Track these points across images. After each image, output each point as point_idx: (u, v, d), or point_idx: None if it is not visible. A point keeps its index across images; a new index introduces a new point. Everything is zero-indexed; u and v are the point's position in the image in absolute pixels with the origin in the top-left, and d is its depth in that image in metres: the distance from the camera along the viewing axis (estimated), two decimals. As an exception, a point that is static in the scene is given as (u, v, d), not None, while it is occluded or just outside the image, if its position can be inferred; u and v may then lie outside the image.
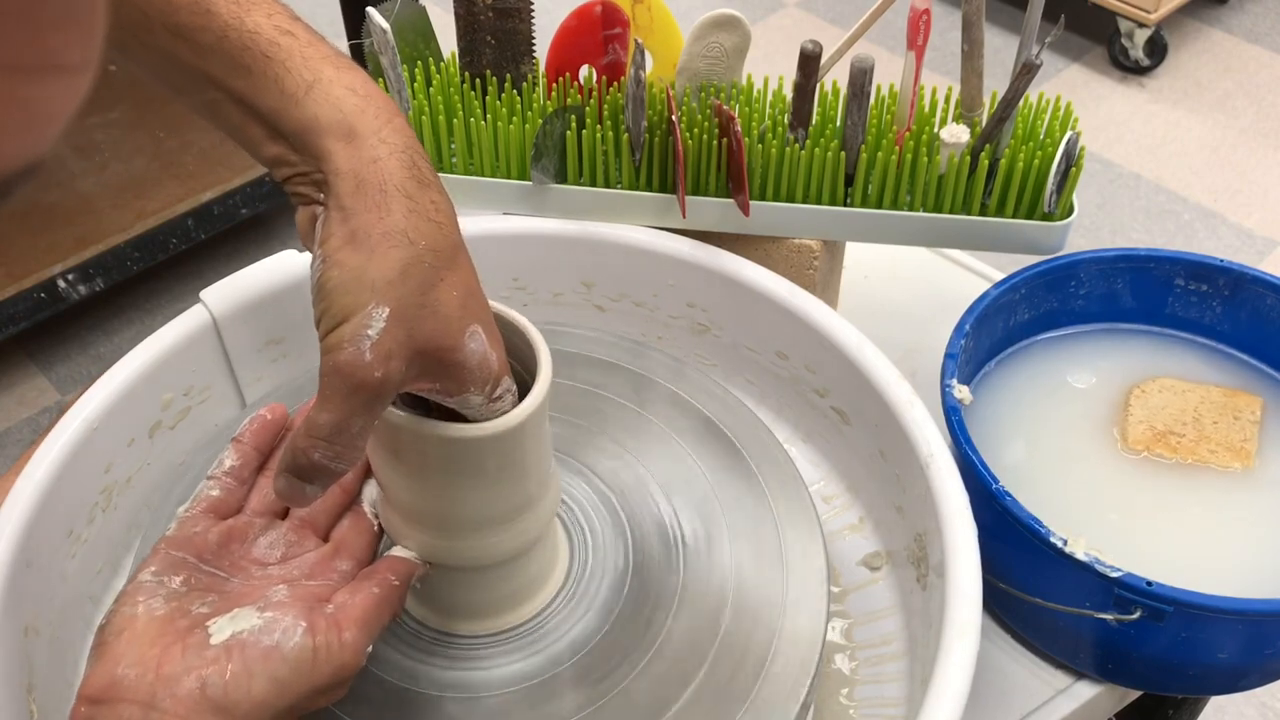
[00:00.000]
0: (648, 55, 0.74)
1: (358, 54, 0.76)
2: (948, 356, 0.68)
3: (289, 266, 0.71)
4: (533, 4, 0.72)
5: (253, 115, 0.50)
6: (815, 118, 0.73)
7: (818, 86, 0.72)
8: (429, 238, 0.47)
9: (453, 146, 0.74)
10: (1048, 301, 0.76)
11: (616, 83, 0.73)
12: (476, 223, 0.74)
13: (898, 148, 0.71)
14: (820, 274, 0.76)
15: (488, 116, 0.73)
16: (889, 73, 0.67)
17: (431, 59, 0.76)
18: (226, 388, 0.72)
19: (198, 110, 0.52)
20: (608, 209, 0.74)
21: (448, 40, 0.73)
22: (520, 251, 0.76)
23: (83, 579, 0.64)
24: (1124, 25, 2.34)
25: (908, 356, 0.80)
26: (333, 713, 0.55)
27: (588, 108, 0.73)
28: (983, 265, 0.90)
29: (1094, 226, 2.09)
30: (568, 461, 0.65)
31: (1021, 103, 0.71)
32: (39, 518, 0.59)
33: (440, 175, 0.54)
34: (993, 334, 0.74)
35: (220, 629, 0.47)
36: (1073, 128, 0.71)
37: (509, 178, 0.74)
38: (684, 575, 0.60)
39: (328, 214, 0.47)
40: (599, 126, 0.72)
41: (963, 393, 0.68)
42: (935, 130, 0.72)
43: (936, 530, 0.59)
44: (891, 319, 0.84)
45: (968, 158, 0.71)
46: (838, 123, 0.73)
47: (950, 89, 0.75)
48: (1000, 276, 0.75)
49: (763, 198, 0.73)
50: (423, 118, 0.73)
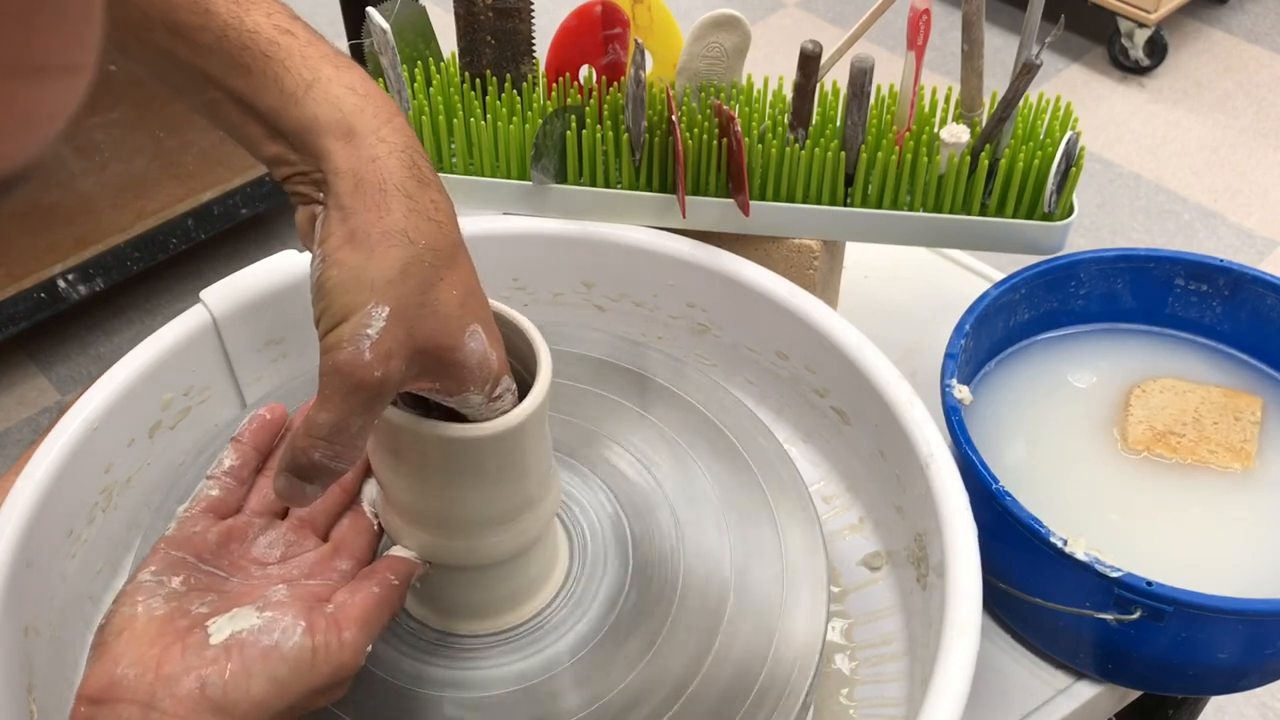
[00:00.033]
0: (648, 55, 0.74)
1: (358, 54, 0.76)
2: (948, 356, 0.68)
3: (289, 266, 0.71)
4: (533, 4, 0.72)
5: (252, 114, 0.50)
6: (815, 118, 0.73)
7: (818, 86, 0.72)
8: (429, 237, 0.47)
9: (453, 146, 0.74)
10: (1048, 301, 0.76)
11: (616, 83, 0.73)
12: (476, 223, 0.74)
13: (898, 148, 0.71)
14: (820, 274, 0.76)
15: (488, 116, 0.73)
16: (889, 73, 0.67)
17: (431, 59, 0.76)
18: (226, 388, 0.72)
19: (197, 109, 0.52)
20: (608, 209, 0.74)
21: (448, 40, 0.73)
22: (520, 251, 0.76)
23: (83, 579, 0.64)
24: (1124, 25, 2.34)
25: (908, 356, 0.80)
26: (333, 713, 0.55)
27: (588, 108, 0.73)
28: (983, 265, 0.90)
29: (1094, 226, 2.09)
30: (567, 461, 0.65)
31: (1021, 103, 0.71)
32: (39, 518, 0.59)
33: (440, 175, 0.54)
34: (993, 334, 0.74)
35: (219, 629, 0.47)
36: (1073, 128, 0.71)
37: (509, 178, 0.74)
38: (683, 575, 0.60)
39: (327, 213, 0.47)
40: (599, 126, 0.72)
41: (963, 393, 0.68)
42: (935, 130, 0.72)
43: (936, 530, 0.59)
44: (891, 319, 0.84)
45: (968, 158, 0.71)
46: (838, 123, 0.73)
47: (950, 89, 0.75)
48: (1000, 276, 0.75)
49: (763, 198, 0.73)
50: (423, 118, 0.73)
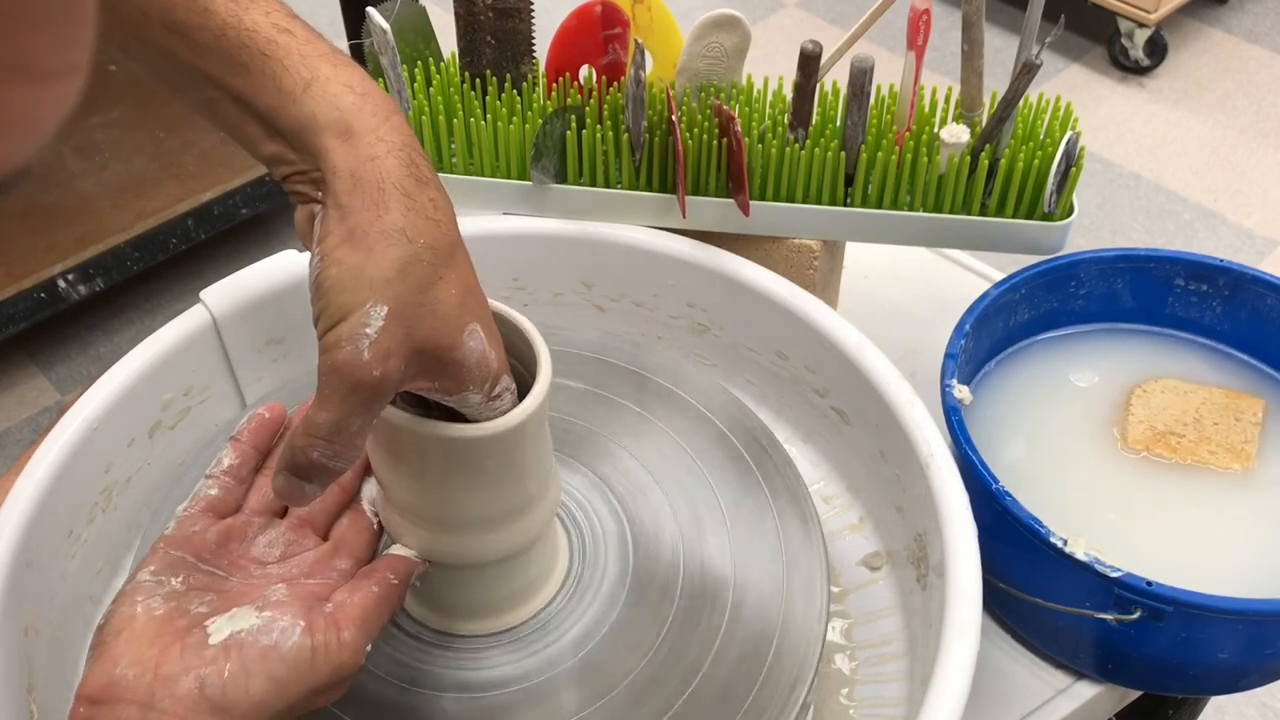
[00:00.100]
0: (648, 55, 0.74)
1: (358, 54, 0.76)
2: (948, 356, 0.68)
3: (289, 266, 0.71)
4: (533, 4, 0.72)
5: (250, 113, 0.50)
6: (815, 118, 0.73)
7: (818, 86, 0.72)
8: (427, 235, 0.47)
9: (453, 146, 0.74)
10: (1048, 301, 0.76)
11: (616, 83, 0.73)
12: (476, 223, 0.74)
13: (898, 148, 0.71)
14: (820, 274, 0.76)
15: (488, 116, 0.73)
16: (889, 73, 0.67)
17: (431, 59, 0.76)
18: (226, 388, 0.72)
19: (196, 108, 0.52)
20: (608, 209, 0.74)
21: (448, 40, 0.73)
22: (520, 251, 0.76)
23: (83, 579, 0.64)
24: (1124, 25, 2.34)
25: (908, 356, 0.80)
26: (332, 713, 0.55)
27: (588, 108, 0.72)
28: (983, 265, 0.90)
29: (1094, 226, 2.09)
30: (568, 461, 0.64)
31: (1021, 103, 0.71)
32: (39, 518, 0.59)
33: (440, 175, 0.53)
34: (993, 334, 0.74)
35: (219, 628, 0.47)
36: (1073, 128, 0.71)
37: (509, 178, 0.74)
38: (683, 575, 0.60)
39: (326, 212, 0.47)
40: (599, 126, 0.72)
41: (963, 393, 0.67)
42: (935, 130, 0.72)
43: (936, 530, 0.59)
44: (891, 319, 0.84)
45: (968, 158, 0.71)
46: (838, 123, 0.73)
47: (950, 89, 0.75)
48: (1000, 276, 0.75)
49: (763, 198, 0.73)
50: (423, 118, 0.73)
